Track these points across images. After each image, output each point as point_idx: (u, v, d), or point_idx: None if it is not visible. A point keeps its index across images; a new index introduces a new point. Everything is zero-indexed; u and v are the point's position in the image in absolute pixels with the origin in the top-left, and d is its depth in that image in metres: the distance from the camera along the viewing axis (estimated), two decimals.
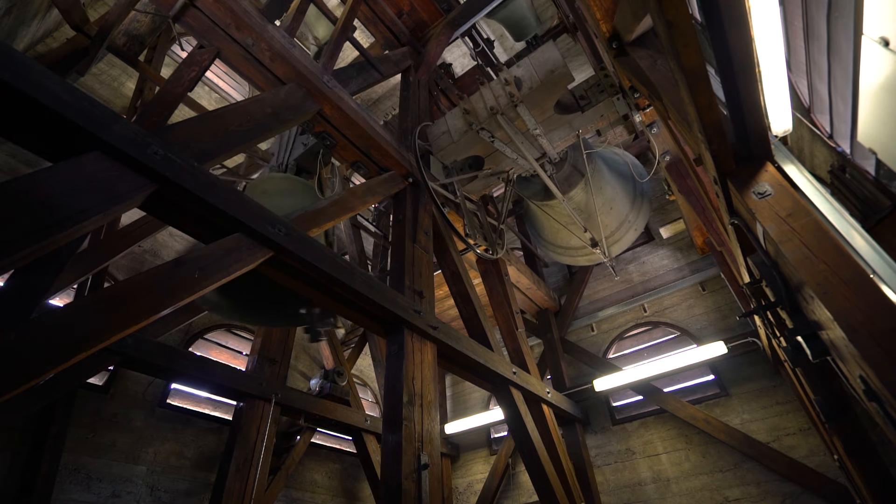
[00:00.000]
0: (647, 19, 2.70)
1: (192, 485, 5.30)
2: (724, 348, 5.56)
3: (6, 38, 4.52)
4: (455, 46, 10.15)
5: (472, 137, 4.85)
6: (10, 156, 5.28)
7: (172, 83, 3.09)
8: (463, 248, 5.44)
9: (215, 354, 6.29)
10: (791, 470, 4.85)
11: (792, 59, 2.65)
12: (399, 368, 3.05)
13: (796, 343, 1.84)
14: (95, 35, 4.92)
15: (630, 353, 6.97)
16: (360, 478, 7.37)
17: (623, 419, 6.41)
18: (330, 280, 2.85)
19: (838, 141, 2.53)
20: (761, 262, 1.98)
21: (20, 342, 1.56)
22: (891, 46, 1.76)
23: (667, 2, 1.38)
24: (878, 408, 1.32)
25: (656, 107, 3.13)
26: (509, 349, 5.32)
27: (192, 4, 3.21)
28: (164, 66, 7.62)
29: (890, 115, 1.92)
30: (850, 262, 1.45)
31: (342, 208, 3.46)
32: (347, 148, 4.23)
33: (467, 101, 4.82)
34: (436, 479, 2.76)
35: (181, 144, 2.52)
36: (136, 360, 4.24)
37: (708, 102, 1.66)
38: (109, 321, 1.80)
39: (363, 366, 8.83)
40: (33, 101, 1.86)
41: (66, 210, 1.80)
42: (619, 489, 5.93)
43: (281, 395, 5.25)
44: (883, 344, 1.22)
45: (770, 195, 1.79)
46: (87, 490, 4.49)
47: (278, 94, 3.43)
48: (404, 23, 6.22)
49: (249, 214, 2.51)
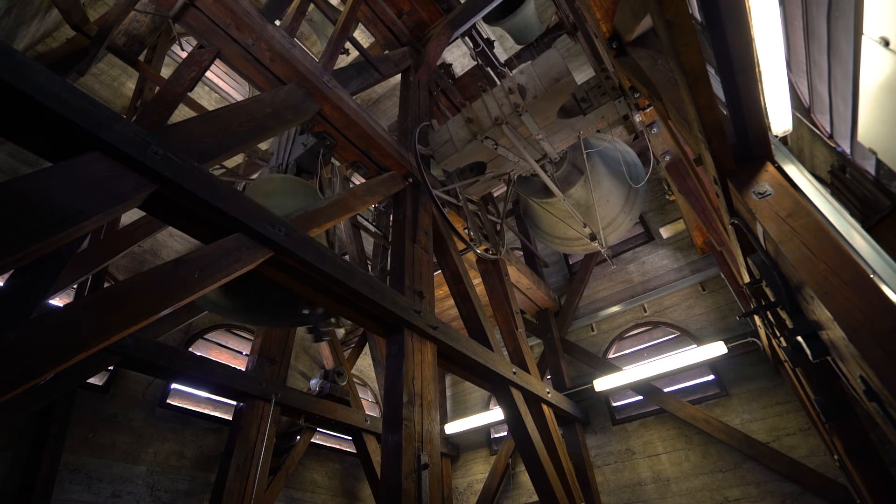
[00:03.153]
0: (647, 19, 2.69)
1: (192, 485, 5.30)
2: (724, 348, 5.56)
3: (6, 38, 4.52)
4: (455, 46, 10.15)
5: (475, 146, 4.86)
6: (10, 156, 5.28)
7: (172, 83, 3.08)
8: (463, 248, 5.44)
9: (215, 354, 6.29)
10: (791, 470, 4.85)
11: (792, 59, 2.65)
12: (399, 368, 3.05)
13: (796, 343, 1.84)
14: (95, 35, 4.92)
15: (630, 353, 6.97)
16: (360, 478, 7.37)
17: (623, 419, 6.41)
18: (330, 280, 2.85)
19: (838, 141, 2.53)
20: (761, 262, 1.98)
21: (20, 342, 1.56)
22: (891, 46, 1.76)
23: (667, 2, 1.38)
24: (878, 408, 1.32)
25: (656, 107, 3.13)
26: (509, 349, 5.32)
27: (192, 4, 3.21)
28: (164, 66, 7.62)
29: (890, 115, 1.92)
30: (850, 262, 1.45)
31: (342, 208, 3.46)
32: (347, 148, 4.23)
33: (470, 110, 4.81)
34: (436, 479, 2.76)
35: (181, 144, 2.52)
36: (136, 360, 4.24)
37: (708, 102, 1.66)
38: (109, 321, 1.80)
39: (363, 366, 8.83)
40: (33, 101, 1.86)
41: (66, 210, 1.80)
42: (619, 489, 5.93)
43: (281, 395, 5.25)
44: (883, 344, 1.22)
45: (770, 195, 1.79)
46: (87, 490, 4.48)
47: (278, 94, 3.43)
48: (404, 23, 6.21)
49: (249, 214, 2.51)
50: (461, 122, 4.91)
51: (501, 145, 4.78)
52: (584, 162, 5.47)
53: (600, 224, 5.92)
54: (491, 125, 4.68)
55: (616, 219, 6.15)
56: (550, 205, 6.01)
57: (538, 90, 4.46)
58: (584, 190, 5.65)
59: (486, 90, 4.79)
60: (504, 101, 4.62)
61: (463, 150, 4.87)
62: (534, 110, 4.58)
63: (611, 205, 5.99)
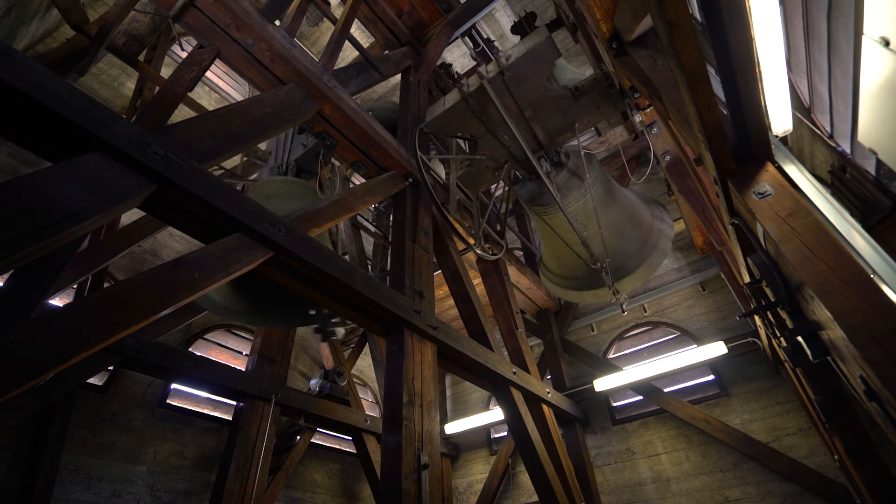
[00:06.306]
0: (647, 19, 2.69)
1: (192, 485, 5.30)
2: (724, 348, 5.56)
3: (6, 38, 4.51)
4: (455, 46, 10.16)
5: (463, 109, 4.81)
6: (10, 156, 5.28)
7: (172, 83, 3.08)
8: (463, 248, 5.43)
9: (215, 354, 6.29)
10: (791, 470, 4.85)
11: (792, 59, 2.65)
12: (399, 368, 3.05)
13: (796, 343, 1.84)
14: (95, 35, 4.92)
15: (630, 353, 6.97)
16: (360, 478, 7.37)
17: (623, 419, 6.41)
18: (330, 280, 2.85)
19: (838, 141, 2.52)
20: (761, 262, 1.97)
21: (20, 342, 1.56)
22: (891, 46, 1.75)
23: (667, 2, 1.37)
24: (878, 408, 1.31)
25: (656, 107, 3.13)
26: (509, 349, 5.32)
27: (191, 4, 3.20)
28: (164, 66, 7.62)
29: (890, 115, 1.92)
30: (850, 262, 1.45)
31: (342, 208, 3.46)
32: (347, 148, 4.23)
33: (465, 85, 4.83)
34: (436, 479, 2.76)
35: (181, 144, 2.52)
36: (136, 360, 4.24)
37: (708, 102, 1.66)
38: (109, 321, 1.80)
39: (363, 366, 8.83)
40: (33, 101, 1.86)
41: (66, 210, 1.79)
42: (619, 489, 5.93)
43: (281, 395, 5.25)
44: (883, 344, 1.22)
45: (770, 195, 1.79)
46: (87, 490, 4.48)
47: (278, 94, 3.43)
48: (404, 23, 6.21)
49: (249, 214, 2.51)
50: (455, 93, 4.93)
51: (490, 117, 4.75)
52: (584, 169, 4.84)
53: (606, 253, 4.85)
54: (477, 85, 4.67)
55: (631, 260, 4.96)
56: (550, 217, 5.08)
57: (520, 51, 4.51)
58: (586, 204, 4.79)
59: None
60: (493, 67, 4.66)
61: (451, 110, 4.82)
62: (519, 77, 4.57)
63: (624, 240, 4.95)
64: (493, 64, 4.61)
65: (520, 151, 4.89)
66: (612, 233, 4.95)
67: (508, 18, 9.56)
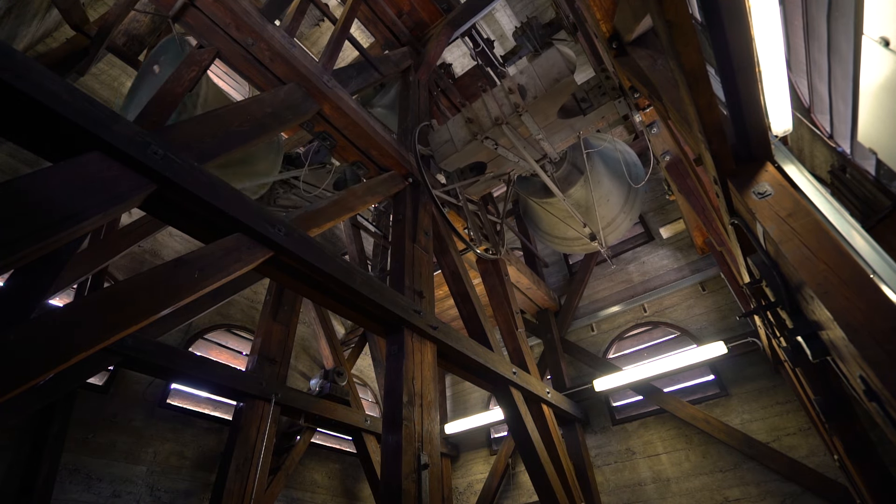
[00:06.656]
0: (647, 19, 2.70)
1: (192, 485, 5.30)
2: (724, 348, 5.56)
3: (6, 39, 4.51)
4: (455, 46, 10.16)
5: (475, 146, 4.87)
6: (10, 156, 5.28)
7: (172, 83, 3.08)
8: (463, 248, 5.44)
9: (215, 354, 6.29)
10: (791, 470, 4.85)
11: (792, 59, 2.65)
12: (399, 368, 3.05)
13: (796, 343, 1.84)
14: (95, 35, 4.92)
15: (630, 353, 6.97)
16: (360, 478, 7.37)
17: (623, 419, 6.40)
18: (330, 280, 2.85)
19: (838, 141, 2.52)
20: (761, 262, 1.98)
21: (20, 342, 1.56)
22: (891, 46, 1.76)
23: (667, 2, 1.38)
24: (878, 408, 1.32)
25: (656, 107, 3.13)
26: (509, 349, 5.32)
27: (191, 4, 3.21)
28: None
29: (890, 115, 1.92)
30: (850, 262, 1.45)
31: (342, 208, 3.46)
32: (347, 148, 4.23)
33: (470, 110, 4.81)
34: (436, 479, 2.76)
35: (181, 144, 2.52)
36: (136, 360, 4.24)
37: (708, 102, 1.66)
38: (109, 321, 1.80)
39: (363, 366, 8.83)
40: (33, 101, 1.86)
41: (66, 210, 1.80)
42: (619, 489, 5.93)
43: (281, 395, 5.25)
44: (883, 344, 1.22)
45: (770, 195, 1.79)
46: (87, 490, 4.48)
47: (278, 93, 3.43)
48: (404, 23, 6.21)
49: (249, 214, 2.51)
50: (461, 122, 4.91)
51: (501, 145, 4.78)
52: (584, 162, 5.46)
53: (600, 224, 5.93)
54: (491, 125, 4.68)
55: (616, 219, 6.17)
56: (550, 205, 6.02)
57: (538, 90, 4.46)
58: (583, 190, 5.67)
59: (486, 90, 4.80)
60: (504, 101, 4.62)
61: (463, 150, 4.87)
62: (534, 110, 4.58)
63: (611, 205, 6.01)
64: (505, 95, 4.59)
65: (527, 164, 4.92)
66: (601, 202, 5.94)
67: (508, 18, 9.56)
